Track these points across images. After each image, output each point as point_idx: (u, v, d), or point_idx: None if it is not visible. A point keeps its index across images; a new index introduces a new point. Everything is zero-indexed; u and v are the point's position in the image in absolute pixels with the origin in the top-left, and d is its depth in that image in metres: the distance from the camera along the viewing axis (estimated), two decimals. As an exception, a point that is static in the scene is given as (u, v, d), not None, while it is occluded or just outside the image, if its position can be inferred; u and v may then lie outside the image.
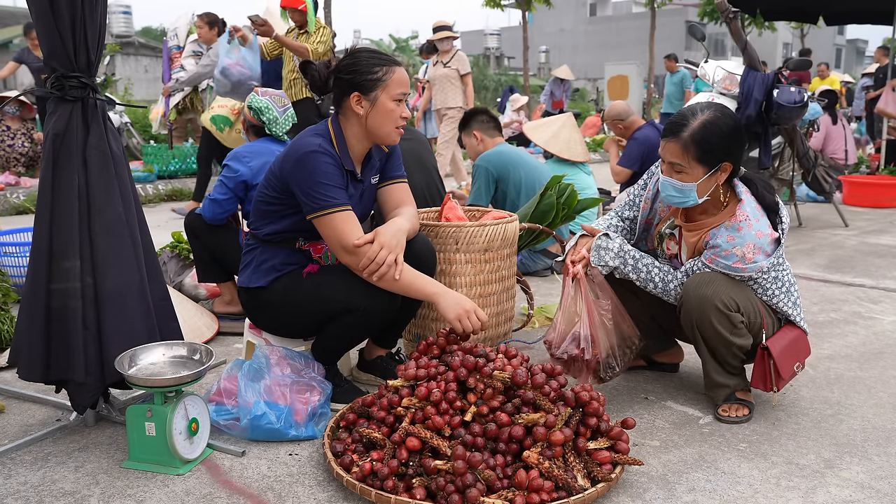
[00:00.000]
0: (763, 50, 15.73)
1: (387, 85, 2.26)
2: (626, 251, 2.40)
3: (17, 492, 1.93)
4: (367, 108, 2.27)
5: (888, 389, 2.64)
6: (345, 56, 2.33)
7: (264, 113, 3.27)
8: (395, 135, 2.34)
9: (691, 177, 2.25)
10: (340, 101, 2.32)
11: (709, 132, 2.21)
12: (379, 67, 2.26)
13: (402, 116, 2.31)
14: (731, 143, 2.24)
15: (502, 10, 18.00)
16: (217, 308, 3.49)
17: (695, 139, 2.22)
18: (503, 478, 1.83)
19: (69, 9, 2.01)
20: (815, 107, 6.15)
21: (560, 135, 4.92)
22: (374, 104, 2.26)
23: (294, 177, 2.23)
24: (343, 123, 2.34)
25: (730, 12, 5.03)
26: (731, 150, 2.25)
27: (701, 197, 2.28)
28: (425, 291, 2.23)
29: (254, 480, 2.00)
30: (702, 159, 2.23)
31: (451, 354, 2.13)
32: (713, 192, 2.30)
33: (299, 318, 2.38)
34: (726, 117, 2.26)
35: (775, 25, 19.87)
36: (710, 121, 2.23)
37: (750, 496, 1.92)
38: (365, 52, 2.31)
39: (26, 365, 2.15)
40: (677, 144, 2.24)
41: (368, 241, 2.18)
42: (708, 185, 2.27)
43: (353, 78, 2.26)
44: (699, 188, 2.26)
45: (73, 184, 2.09)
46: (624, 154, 5.27)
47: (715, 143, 2.22)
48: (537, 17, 33.26)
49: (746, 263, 2.22)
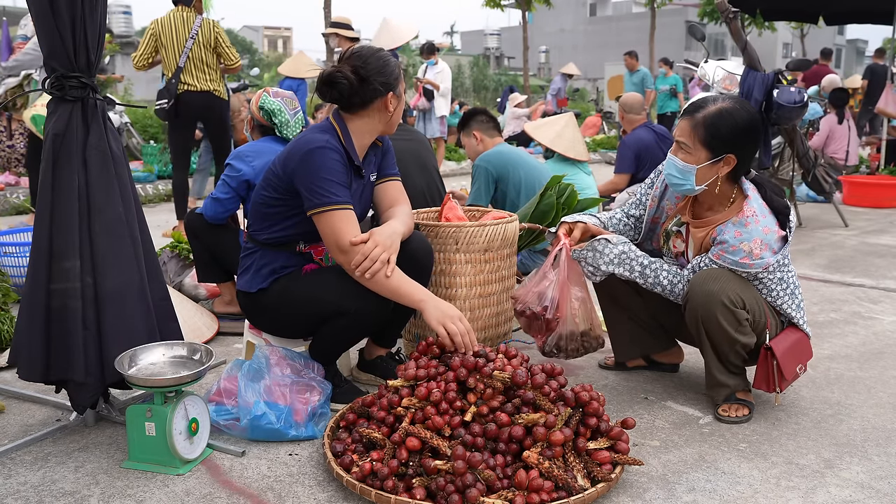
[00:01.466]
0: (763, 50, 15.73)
1: (399, 80, 2.34)
2: (632, 258, 2.40)
3: (17, 492, 1.93)
4: (396, 105, 2.33)
5: (888, 389, 2.64)
6: (365, 59, 2.27)
7: (277, 115, 3.23)
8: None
9: (694, 158, 2.28)
10: (369, 103, 2.30)
11: (721, 118, 2.24)
12: (393, 66, 2.31)
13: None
14: (740, 136, 2.25)
15: (502, 10, 18.01)
16: (217, 308, 3.49)
17: (706, 121, 2.25)
18: (503, 478, 1.83)
19: (69, 9, 2.01)
20: (815, 107, 6.15)
21: (565, 134, 4.92)
22: (400, 99, 2.34)
23: (299, 172, 2.22)
24: (355, 121, 2.33)
25: (730, 12, 5.02)
26: (738, 144, 2.25)
27: (699, 184, 2.29)
28: (413, 297, 2.22)
29: (254, 480, 2.00)
30: (707, 143, 2.25)
31: (452, 354, 2.13)
32: (713, 183, 2.29)
33: (295, 319, 2.38)
34: (745, 112, 2.27)
35: (775, 25, 19.88)
36: (726, 109, 2.25)
37: (750, 496, 1.92)
38: (381, 52, 2.33)
39: (26, 365, 2.15)
40: (689, 123, 2.29)
41: (364, 241, 2.19)
42: (707, 174, 2.28)
43: (387, 79, 2.29)
44: (699, 173, 2.28)
45: (73, 184, 2.09)
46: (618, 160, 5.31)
47: (724, 130, 2.24)
48: (537, 17, 33.26)
49: (754, 259, 2.22)
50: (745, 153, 2.27)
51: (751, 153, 2.30)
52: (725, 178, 2.31)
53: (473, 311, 2.73)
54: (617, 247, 2.41)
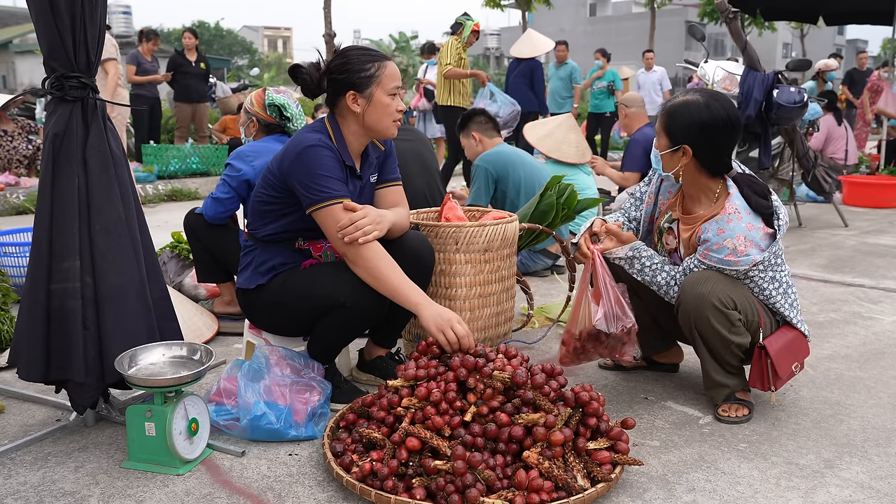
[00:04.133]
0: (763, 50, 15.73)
1: (380, 80, 2.28)
2: (638, 248, 2.44)
3: (16, 492, 1.93)
4: (364, 106, 2.29)
5: (888, 389, 2.64)
6: (335, 56, 2.34)
7: (287, 109, 3.27)
8: (393, 128, 2.37)
9: (658, 144, 2.39)
10: (335, 101, 2.34)
11: (680, 110, 2.32)
12: (371, 64, 2.28)
13: (398, 110, 2.34)
14: (694, 130, 2.29)
15: (502, 10, 17.99)
16: (217, 308, 3.49)
17: (667, 109, 2.36)
18: (503, 478, 1.83)
19: (69, 9, 2.01)
20: (815, 107, 6.16)
21: (554, 134, 4.91)
22: (370, 101, 2.28)
23: (294, 171, 2.24)
24: (339, 122, 2.36)
25: (730, 12, 5.03)
26: (691, 136, 2.30)
27: (665, 171, 2.40)
28: (409, 300, 2.21)
29: (253, 480, 2.00)
30: (666, 131, 2.35)
31: (451, 355, 2.13)
32: (678, 173, 2.36)
33: (293, 315, 2.38)
34: (708, 109, 2.27)
35: (775, 25, 19.87)
36: (691, 101, 2.31)
37: (750, 496, 1.92)
38: (354, 50, 2.32)
39: (26, 365, 2.15)
40: (661, 110, 2.40)
41: (355, 209, 2.22)
42: (670, 162, 2.37)
43: (347, 77, 2.27)
44: (664, 159, 2.38)
45: (72, 184, 2.09)
46: (626, 157, 5.26)
47: (679, 122, 2.32)
48: (537, 17, 33.22)
49: (739, 256, 2.22)
50: (702, 148, 2.30)
51: (708, 150, 2.30)
52: (701, 172, 2.34)
53: (473, 311, 2.73)
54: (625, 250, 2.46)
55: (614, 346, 2.44)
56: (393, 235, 2.35)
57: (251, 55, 44.18)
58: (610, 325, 2.39)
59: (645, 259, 2.43)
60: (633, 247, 2.44)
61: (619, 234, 2.47)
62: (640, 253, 2.43)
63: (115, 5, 13.58)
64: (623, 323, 2.38)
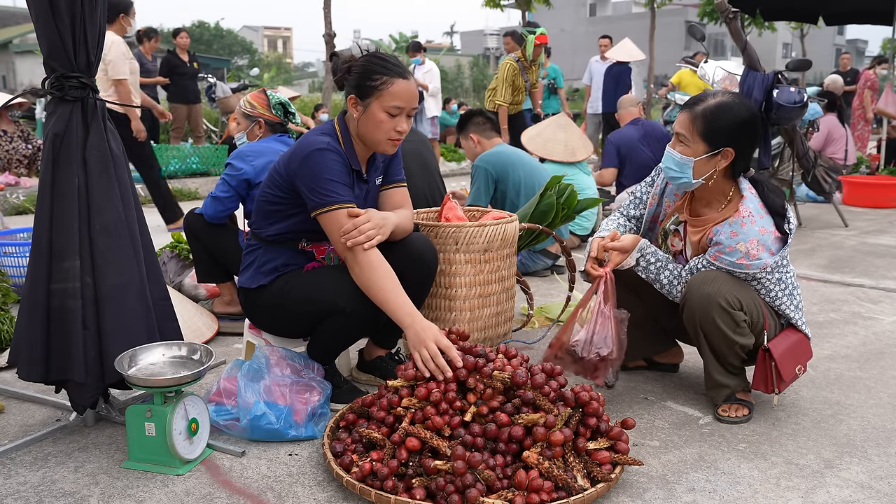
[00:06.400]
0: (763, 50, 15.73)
1: (381, 95, 2.21)
2: (643, 248, 2.41)
3: (16, 492, 1.93)
4: (360, 113, 2.27)
5: (888, 389, 2.64)
6: (361, 56, 2.30)
7: (290, 105, 3.38)
8: (387, 146, 2.29)
9: (692, 151, 2.28)
10: (346, 100, 2.34)
11: (721, 111, 2.25)
12: (379, 75, 2.22)
13: (397, 130, 2.25)
14: (739, 129, 2.25)
15: (502, 11, 17.98)
16: (217, 308, 3.49)
17: (705, 114, 2.26)
18: (503, 478, 1.83)
19: (69, 9, 2.01)
20: (815, 107, 6.16)
21: (543, 133, 4.93)
22: (365, 110, 2.25)
23: (300, 174, 2.23)
24: (349, 123, 2.35)
25: (729, 12, 5.02)
26: (737, 137, 2.25)
27: (696, 178, 2.29)
28: (397, 314, 2.15)
29: (253, 481, 2.00)
30: (705, 136, 2.25)
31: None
32: (710, 178, 2.29)
33: (294, 317, 2.38)
34: (744, 107, 2.28)
35: (775, 25, 19.85)
36: (726, 102, 2.26)
37: (750, 496, 1.92)
38: (376, 57, 2.28)
39: (26, 365, 2.15)
40: (688, 115, 2.29)
41: (358, 214, 2.21)
42: (705, 167, 2.28)
43: (354, 80, 2.27)
44: (696, 166, 2.28)
45: (72, 184, 2.09)
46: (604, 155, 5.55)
47: (723, 123, 2.24)
48: (537, 17, 33.22)
49: (751, 260, 2.22)
50: (744, 148, 2.28)
51: (749, 148, 2.30)
52: (723, 174, 2.31)
53: (473, 311, 2.74)
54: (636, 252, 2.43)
55: (588, 368, 2.34)
56: (396, 237, 2.34)
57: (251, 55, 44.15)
58: (584, 350, 2.29)
59: (649, 255, 2.42)
60: (638, 248, 2.41)
61: (622, 245, 2.38)
62: (645, 251, 2.42)
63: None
64: (599, 350, 2.28)
